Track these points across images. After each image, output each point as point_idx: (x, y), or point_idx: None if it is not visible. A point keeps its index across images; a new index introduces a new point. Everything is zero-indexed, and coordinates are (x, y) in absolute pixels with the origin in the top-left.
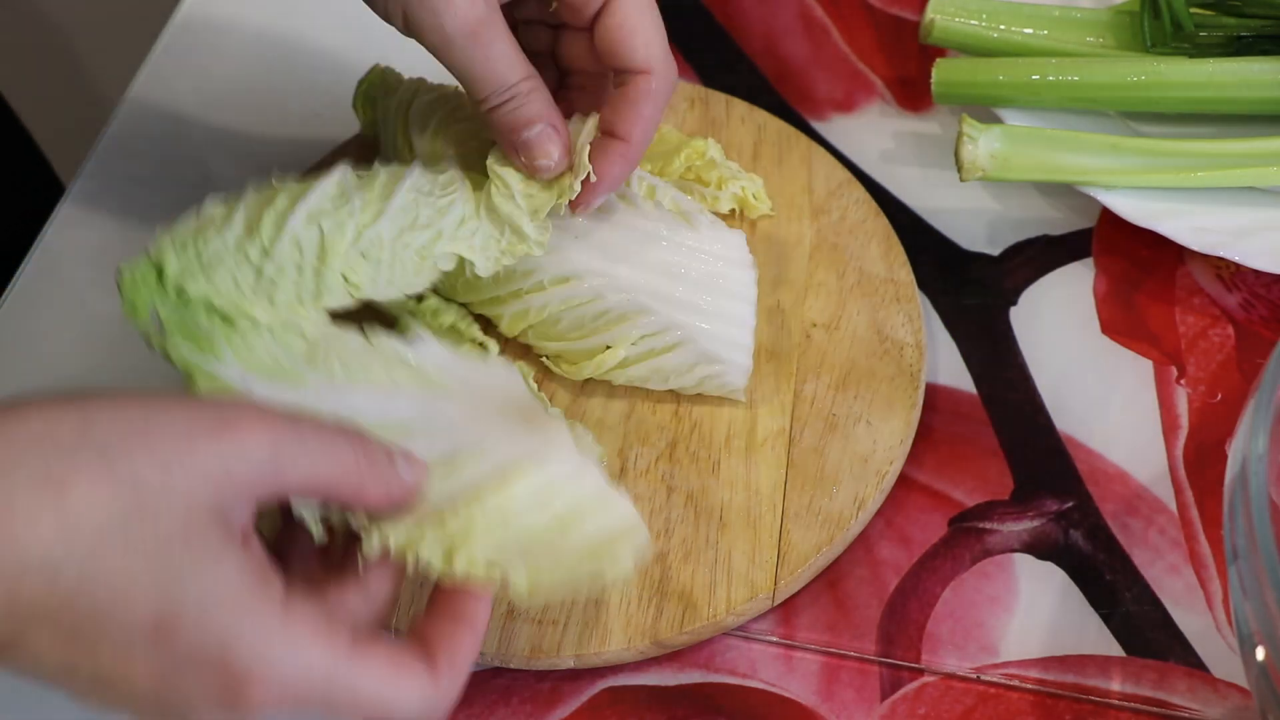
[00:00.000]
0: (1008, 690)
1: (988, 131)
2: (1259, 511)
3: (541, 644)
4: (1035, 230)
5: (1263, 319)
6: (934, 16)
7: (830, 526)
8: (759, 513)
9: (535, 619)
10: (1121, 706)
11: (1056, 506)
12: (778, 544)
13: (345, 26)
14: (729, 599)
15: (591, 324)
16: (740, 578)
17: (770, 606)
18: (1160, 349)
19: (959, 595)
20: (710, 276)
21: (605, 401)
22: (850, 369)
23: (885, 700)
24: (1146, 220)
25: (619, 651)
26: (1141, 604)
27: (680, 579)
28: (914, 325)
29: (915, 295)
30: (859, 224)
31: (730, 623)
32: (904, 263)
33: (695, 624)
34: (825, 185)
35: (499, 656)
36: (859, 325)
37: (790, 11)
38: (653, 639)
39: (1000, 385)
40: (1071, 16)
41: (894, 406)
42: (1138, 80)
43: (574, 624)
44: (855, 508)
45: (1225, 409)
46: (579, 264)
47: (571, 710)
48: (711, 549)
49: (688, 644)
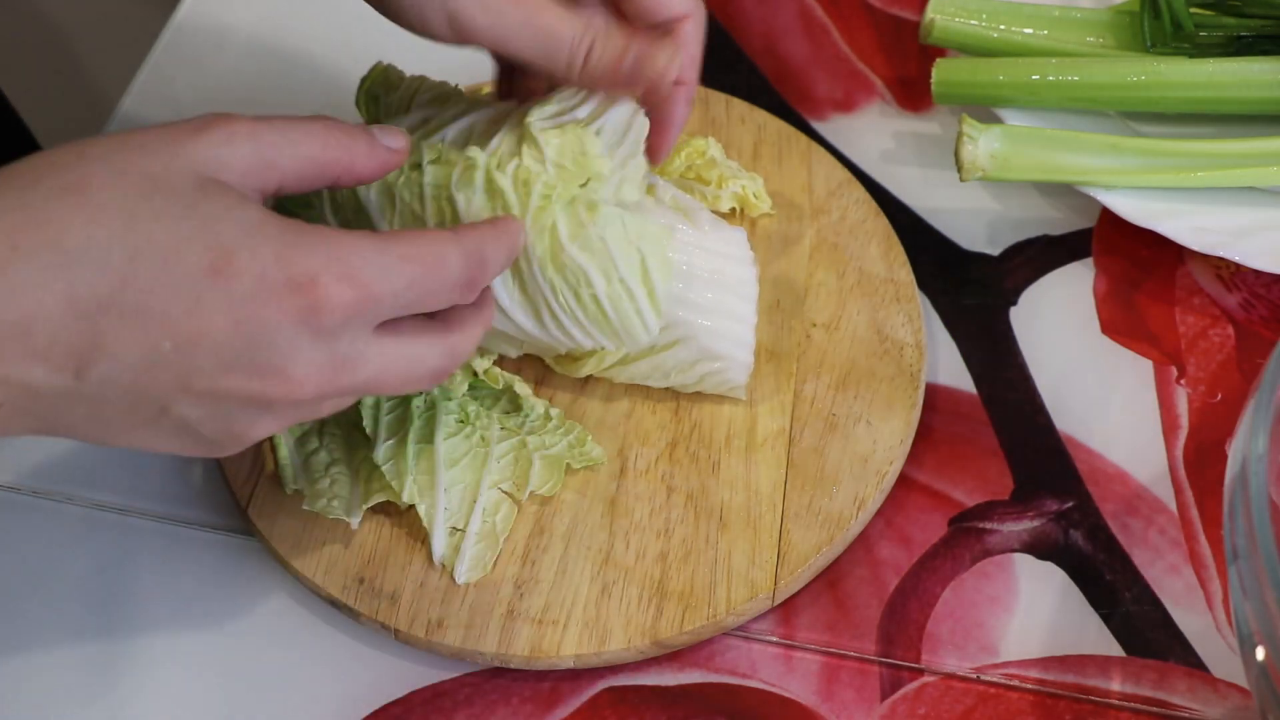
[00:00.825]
0: (1008, 690)
1: (988, 131)
2: (1259, 511)
3: (541, 644)
4: (1035, 230)
5: (1263, 319)
6: (934, 16)
7: (830, 526)
8: (759, 513)
9: (535, 619)
10: (1121, 706)
11: (1056, 506)
12: (778, 544)
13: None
14: (729, 599)
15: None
16: (740, 578)
17: (770, 606)
18: (1160, 349)
19: (959, 595)
20: (712, 273)
21: (605, 401)
22: (850, 369)
23: (885, 700)
24: (1146, 220)
25: (619, 651)
26: (1141, 604)
27: (680, 579)
28: (914, 325)
29: (915, 295)
30: (859, 224)
31: (730, 623)
32: (904, 263)
33: (695, 624)
34: (825, 185)
35: (499, 657)
36: (859, 325)
37: (790, 11)
38: (653, 639)
39: (1000, 385)
40: (1071, 16)
41: (894, 406)
42: (1138, 80)
43: (574, 624)
44: (855, 508)
45: (1225, 409)
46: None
47: (571, 710)
48: (711, 549)
49: (688, 644)
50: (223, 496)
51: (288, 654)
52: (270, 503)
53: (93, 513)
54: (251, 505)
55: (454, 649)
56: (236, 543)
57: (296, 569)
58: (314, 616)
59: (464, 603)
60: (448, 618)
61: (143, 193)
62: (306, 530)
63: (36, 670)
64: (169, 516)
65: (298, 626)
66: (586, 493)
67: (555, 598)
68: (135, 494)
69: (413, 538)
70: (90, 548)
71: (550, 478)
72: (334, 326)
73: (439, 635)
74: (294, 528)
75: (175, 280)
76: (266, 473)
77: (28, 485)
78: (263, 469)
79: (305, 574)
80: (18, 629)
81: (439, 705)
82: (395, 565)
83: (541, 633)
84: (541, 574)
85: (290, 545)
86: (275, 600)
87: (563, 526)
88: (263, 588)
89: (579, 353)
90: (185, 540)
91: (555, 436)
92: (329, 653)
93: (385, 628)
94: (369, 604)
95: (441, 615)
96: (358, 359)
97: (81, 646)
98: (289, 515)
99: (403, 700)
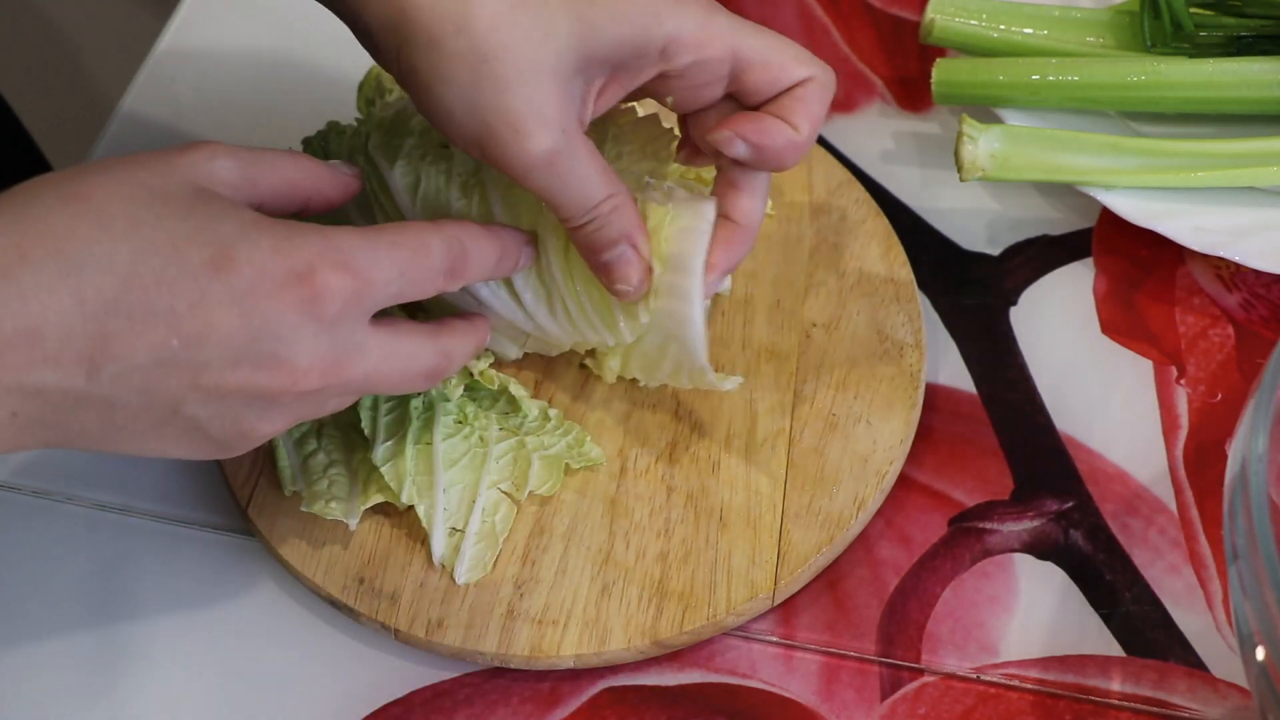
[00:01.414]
0: (1008, 690)
1: (988, 131)
2: (1259, 511)
3: (541, 644)
4: (1035, 230)
5: (1263, 319)
6: (934, 16)
7: (830, 526)
8: (759, 513)
9: (535, 619)
10: (1121, 706)
11: (1056, 506)
12: (778, 544)
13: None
14: (729, 599)
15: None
16: (740, 577)
17: (770, 606)
18: (1160, 349)
19: (959, 595)
20: (670, 255)
21: (605, 402)
22: (850, 369)
23: (885, 700)
24: (1146, 220)
25: (619, 651)
26: (1141, 604)
27: (680, 579)
28: (914, 325)
29: (915, 295)
30: (859, 224)
31: (730, 623)
32: (904, 262)
33: (695, 624)
34: (825, 184)
35: (499, 657)
36: (859, 325)
37: (790, 11)
38: (653, 639)
39: (1000, 385)
40: (1071, 16)
41: (894, 406)
42: (1138, 80)
43: (574, 624)
44: (855, 508)
45: (1225, 409)
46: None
47: (571, 710)
48: (711, 549)
49: (688, 644)
50: (222, 497)
51: (288, 654)
52: (270, 503)
53: (93, 513)
54: (251, 506)
55: (454, 649)
56: (236, 543)
57: (297, 569)
58: (314, 616)
59: (464, 603)
60: (448, 618)
61: (143, 200)
62: (306, 531)
63: (36, 670)
64: (169, 516)
65: (298, 626)
66: (586, 493)
67: (555, 598)
68: (135, 494)
69: (412, 538)
70: (90, 548)
71: (549, 478)
72: (333, 315)
73: (439, 635)
74: (294, 528)
75: (178, 277)
76: (266, 474)
77: (28, 485)
78: (262, 470)
79: (305, 574)
80: (18, 629)
81: (439, 705)
82: (395, 565)
83: (541, 633)
84: (541, 574)
85: (290, 546)
86: (275, 600)
87: (563, 526)
88: (262, 588)
89: (600, 349)
90: (185, 540)
91: (554, 437)
92: (329, 653)
93: (385, 628)
94: (369, 604)
95: (441, 615)
96: (357, 350)
97: (81, 646)
98: (289, 516)
99: (403, 700)
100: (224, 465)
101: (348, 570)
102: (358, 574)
